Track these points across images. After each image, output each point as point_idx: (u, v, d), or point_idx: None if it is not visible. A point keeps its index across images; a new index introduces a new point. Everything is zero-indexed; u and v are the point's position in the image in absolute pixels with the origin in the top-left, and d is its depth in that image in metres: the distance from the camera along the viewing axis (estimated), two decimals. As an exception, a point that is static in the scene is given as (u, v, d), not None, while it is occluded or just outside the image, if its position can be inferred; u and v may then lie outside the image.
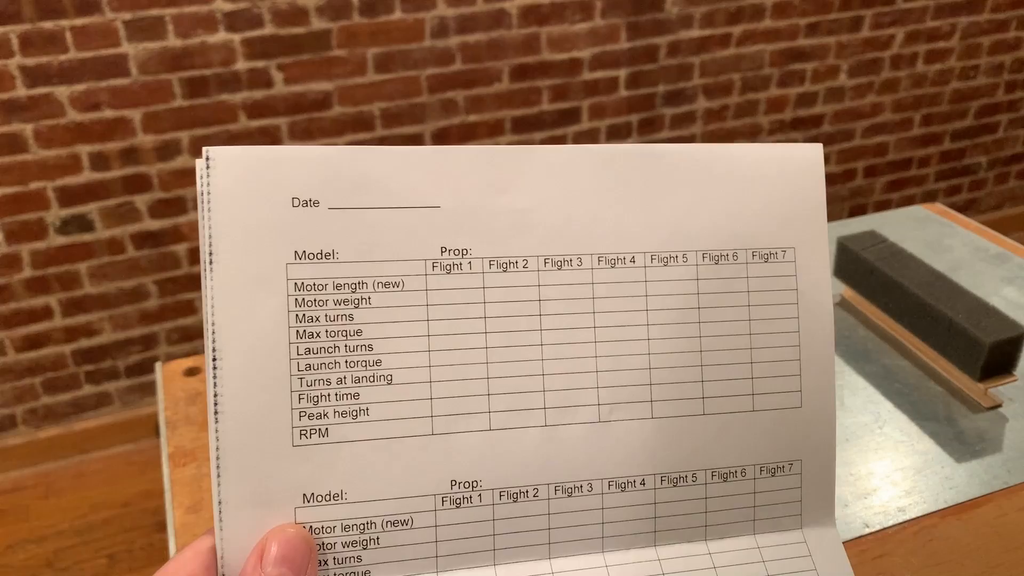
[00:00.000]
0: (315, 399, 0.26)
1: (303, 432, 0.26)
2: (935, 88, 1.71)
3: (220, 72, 1.22)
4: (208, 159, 0.25)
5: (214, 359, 0.25)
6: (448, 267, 0.27)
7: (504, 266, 0.27)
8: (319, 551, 0.26)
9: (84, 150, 1.20)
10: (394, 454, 0.26)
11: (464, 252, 0.27)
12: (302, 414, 0.26)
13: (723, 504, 0.29)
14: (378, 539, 0.26)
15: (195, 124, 1.24)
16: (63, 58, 1.14)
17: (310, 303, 0.26)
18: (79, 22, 1.13)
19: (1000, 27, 1.69)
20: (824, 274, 0.29)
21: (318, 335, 0.26)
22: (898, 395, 0.54)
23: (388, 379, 0.26)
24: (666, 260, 0.28)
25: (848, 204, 1.78)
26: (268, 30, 1.22)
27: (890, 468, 0.48)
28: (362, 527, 0.26)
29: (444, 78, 1.34)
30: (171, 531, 0.45)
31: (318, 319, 0.26)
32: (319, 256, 0.26)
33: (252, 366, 0.25)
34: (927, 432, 0.51)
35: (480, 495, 0.27)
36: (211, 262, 0.25)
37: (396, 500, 0.26)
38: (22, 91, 1.14)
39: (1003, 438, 0.50)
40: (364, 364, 0.26)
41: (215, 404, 0.25)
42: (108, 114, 1.19)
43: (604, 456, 0.28)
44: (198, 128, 1.24)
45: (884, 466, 0.48)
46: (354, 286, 0.26)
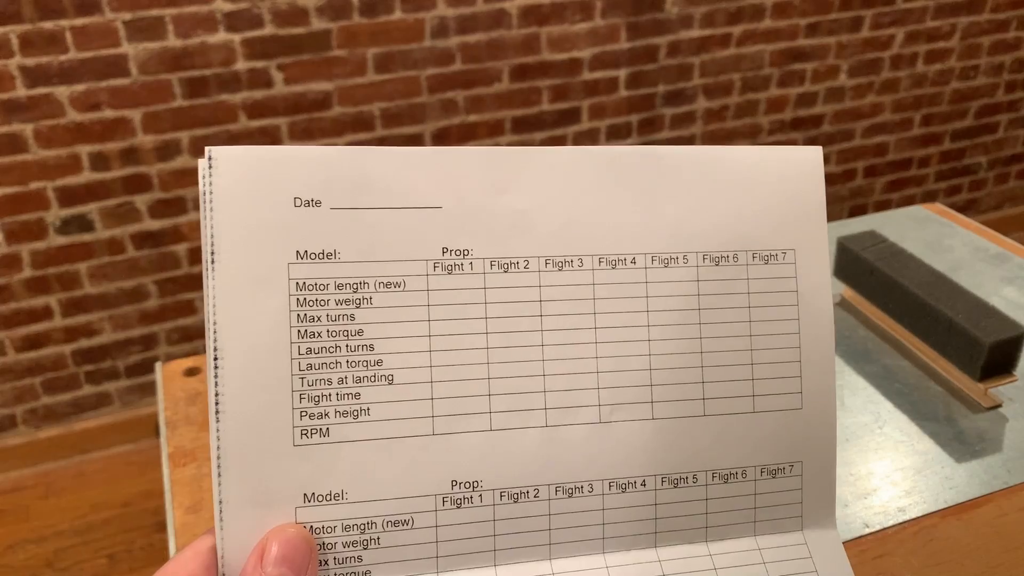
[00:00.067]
0: (316, 399, 0.26)
1: (304, 432, 0.26)
2: (935, 88, 1.71)
3: (220, 72, 1.22)
4: (210, 159, 0.25)
5: (215, 359, 0.25)
6: (449, 267, 0.27)
7: (505, 267, 0.27)
8: (320, 551, 0.26)
9: (84, 150, 1.20)
10: (395, 454, 0.26)
11: (465, 252, 0.27)
12: (303, 414, 0.26)
13: (724, 505, 0.29)
14: (379, 539, 0.26)
15: (195, 124, 1.24)
16: (63, 58, 1.14)
17: (311, 303, 0.26)
18: (79, 22, 1.12)
19: (1000, 27, 1.69)
20: (824, 276, 0.30)
21: (319, 335, 0.26)
22: (898, 395, 0.54)
23: (389, 379, 0.26)
24: (667, 261, 0.28)
25: (848, 204, 1.78)
26: (268, 30, 1.22)
27: (890, 468, 0.48)
28: (363, 527, 0.26)
29: (444, 78, 1.34)
30: (171, 531, 0.45)
31: (319, 319, 0.26)
32: (321, 256, 0.26)
33: (253, 366, 0.25)
34: (927, 432, 0.51)
35: (481, 495, 0.27)
36: (213, 262, 0.25)
37: (397, 500, 0.26)
38: (22, 91, 1.14)
39: (1003, 438, 0.50)
40: (365, 364, 0.26)
41: (216, 404, 0.25)
42: (108, 114, 1.19)
43: (605, 457, 0.28)
44: (198, 128, 1.24)
45: (884, 466, 0.48)
46: (355, 286, 0.26)
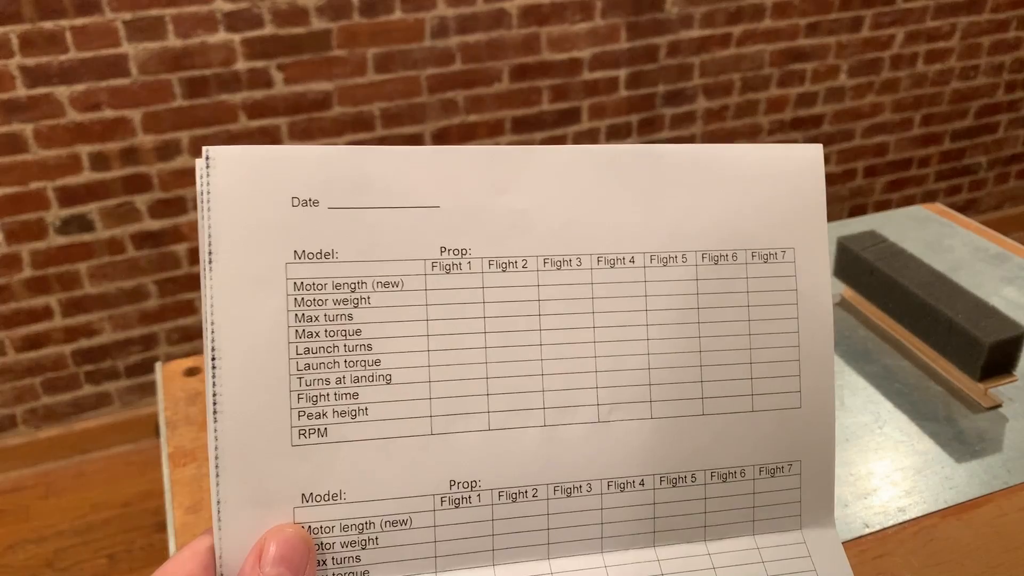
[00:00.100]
0: (314, 399, 0.26)
1: (302, 432, 0.26)
2: (935, 88, 1.71)
3: (220, 72, 1.22)
4: (208, 159, 0.25)
5: (213, 359, 0.25)
6: (448, 267, 0.27)
7: (503, 266, 0.27)
8: (318, 551, 0.26)
9: (84, 150, 1.20)
10: (393, 454, 0.26)
11: (464, 252, 0.27)
12: (301, 414, 0.26)
13: (722, 504, 0.29)
14: (377, 539, 0.26)
15: (195, 124, 1.24)
16: (63, 58, 1.14)
17: (309, 303, 0.26)
18: (79, 22, 1.12)
19: (1000, 27, 1.69)
20: (824, 274, 0.29)
21: (317, 335, 0.26)
22: (898, 395, 0.54)
23: (387, 379, 0.26)
24: (665, 260, 0.28)
25: (848, 204, 1.78)
26: (268, 30, 1.22)
27: (890, 468, 0.48)
28: (361, 527, 0.26)
29: (444, 78, 1.34)
30: (171, 531, 0.45)
31: (317, 319, 0.26)
32: (319, 256, 0.26)
33: (251, 366, 0.25)
34: (927, 432, 0.51)
35: (479, 495, 0.27)
36: (211, 261, 0.25)
37: (395, 500, 0.26)
38: (22, 91, 1.14)
39: (1003, 438, 0.50)
40: (363, 364, 0.26)
41: (214, 404, 0.25)
42: (108, 114, 1.19)
43: (603, 456, 0.28)
44: (198, 128, 1.24)
45: (884, 466, 0.48)
46: (353, 286, 0.26)
